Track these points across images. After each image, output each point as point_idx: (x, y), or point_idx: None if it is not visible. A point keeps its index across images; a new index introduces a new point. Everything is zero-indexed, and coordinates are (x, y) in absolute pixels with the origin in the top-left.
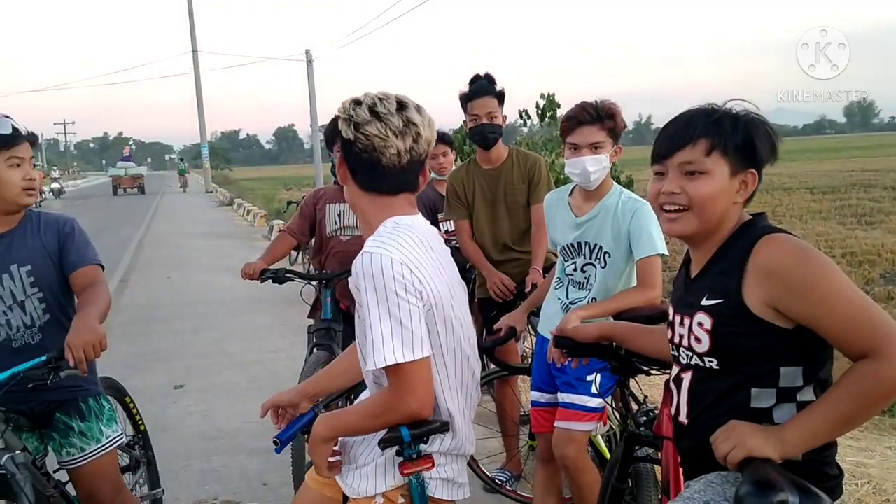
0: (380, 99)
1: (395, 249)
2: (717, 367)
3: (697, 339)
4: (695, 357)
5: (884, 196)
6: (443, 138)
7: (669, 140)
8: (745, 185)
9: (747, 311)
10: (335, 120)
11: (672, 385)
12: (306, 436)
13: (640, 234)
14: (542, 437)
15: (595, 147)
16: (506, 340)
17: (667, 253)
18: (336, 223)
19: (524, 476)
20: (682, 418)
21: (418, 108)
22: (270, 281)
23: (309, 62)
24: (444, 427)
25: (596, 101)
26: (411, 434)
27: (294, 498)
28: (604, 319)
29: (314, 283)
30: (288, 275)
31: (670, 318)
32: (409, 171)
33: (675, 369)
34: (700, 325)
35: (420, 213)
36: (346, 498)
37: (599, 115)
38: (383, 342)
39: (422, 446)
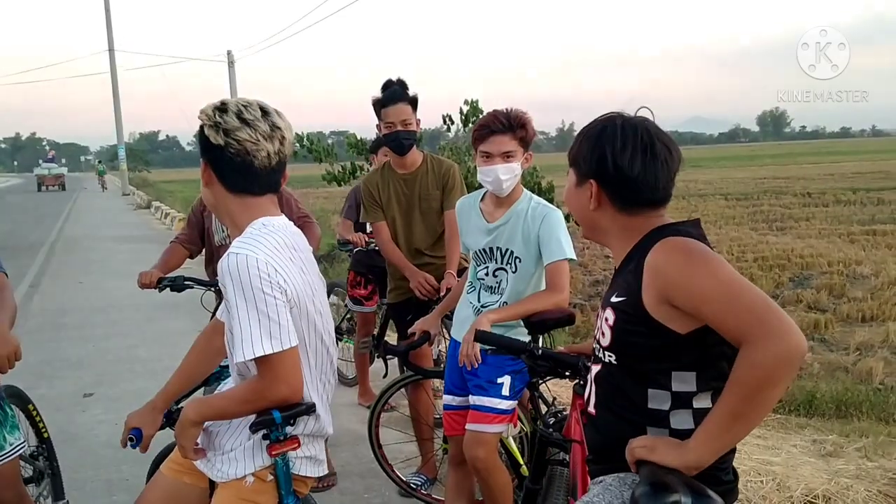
0: (244, 106)
1: (260, 250)
2: (615, 363)
3: (603, 333)
4: (600, 350)
5: (794, 203)
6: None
7: None
8: (591, 194)
9: (644, 311)
10: (202, 126)
11: (589, 377)
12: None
13: (550, 240)
14: (454, 441)
15: (507, 156)
16: (419, 344)
17: (575, 258)
18: (223, 231)
19: (439, 479)
20: (591, 408)
21: (279, 114)
22: (168, 289)
23: (231, 63)
24: (312, 408)
25: (508, 110)
26: (282, 416)
27: (146, 486)
28: (516, 323)
29: (213, 289)
30: (186, 282)
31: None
32: (276, 173)
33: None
34: (606, 319)
35: (283, 215)
36: (213, 485)
37: (511, 125)
38: (251, 335)
39: (288, 429)
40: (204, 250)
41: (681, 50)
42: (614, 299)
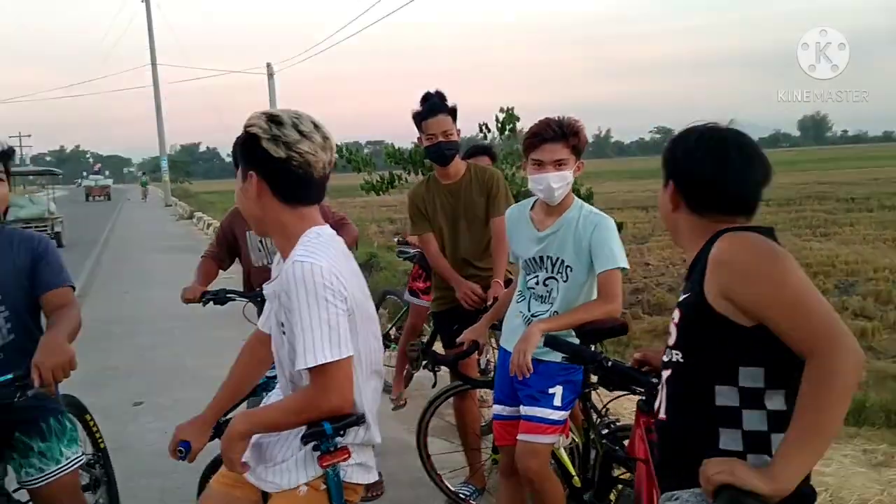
0: (296, 118)
1: (323, 258)
2: (681, 360)
3: (669, 333)
4: (668, 351)
5: (837, 208)
6: (486, 150)
7: None
8: (670, 195)
9: (707, 304)
10: (252, 138)
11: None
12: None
13: (602, 248)
14: (505, 451)
15: (559, 164)
16: (468, 354)
17: (627, 266)
18: (260, 251)
19: (488, 490)
20: (661, 414)
21: (323, 125)
22: (212, 303)
23: (270, 75)
24: (362, 419)
25: (560, 118)
26: (333, 427)
27: (198, 502)
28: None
29: (257, 300)
30: (229, 295)
31: None
32: (325, 182)
33: None
34: (673, 319)
35: (328, 224)
36: (265, 496)
37: (564, 133)
38: (314, 343)
39: (338, 439)
40: (241, 270)
41: (718, 53)
42: (681, 298)
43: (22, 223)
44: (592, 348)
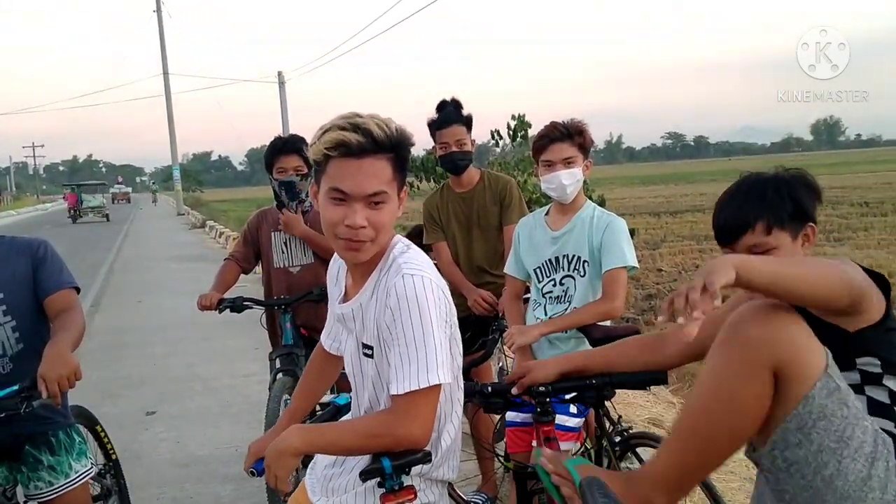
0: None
1: (431, 271)
2: None
3: None
4: None
5: (851, 213)
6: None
7: (728, 230)
8: (807, 238)
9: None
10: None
11: None
12: None
13: (612, 247)
14: (518, 458)
15: (567, 162)
16: (481, 362)
17: (637, 266)
18: (283, 253)
19: (500, 498)
20: None
21: None
22: (229, 310)
23: (281, 84)
24: (427, 458)
25: (564, 120)
26: (393, 466)
27: None
28: (567, 341)
29: (276, 309)
30: (246, 303)
31: None
32: None
33: None
34: None
35: None
36: None
37: (569, 132)
38: (410, 366)
39: (404, 477)
40: (261, 270)
41: (728, 57)
42: None
43: (90, 208)
44: None
